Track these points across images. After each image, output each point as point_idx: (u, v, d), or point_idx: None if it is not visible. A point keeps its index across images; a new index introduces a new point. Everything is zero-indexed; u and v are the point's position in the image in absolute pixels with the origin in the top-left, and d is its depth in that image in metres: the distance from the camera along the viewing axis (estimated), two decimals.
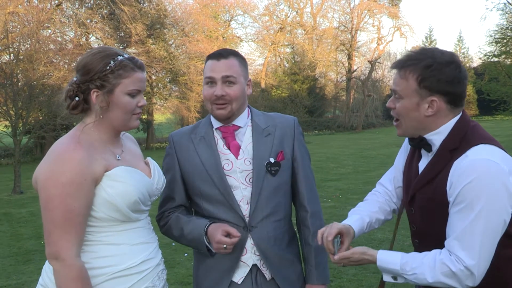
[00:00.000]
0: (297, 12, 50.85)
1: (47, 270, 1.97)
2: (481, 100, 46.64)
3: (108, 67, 1.93)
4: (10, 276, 6.92)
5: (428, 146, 1.98)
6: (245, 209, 2.25)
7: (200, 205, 2.30)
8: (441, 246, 1.89)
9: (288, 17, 50.59)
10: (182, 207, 2.36)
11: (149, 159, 2.23)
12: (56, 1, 29.00)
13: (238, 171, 2.26)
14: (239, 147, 2.28)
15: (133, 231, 2.01)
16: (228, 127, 2.30)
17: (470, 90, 55.23)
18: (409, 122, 1.97)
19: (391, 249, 2.17)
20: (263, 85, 47.48)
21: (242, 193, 2.26)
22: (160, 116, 46.63)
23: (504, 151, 1.87)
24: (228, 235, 2.13)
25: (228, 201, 2.23)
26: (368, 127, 47.34)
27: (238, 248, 2.22)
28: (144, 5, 35.39)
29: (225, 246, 2.12)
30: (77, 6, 32.09)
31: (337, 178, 15.54)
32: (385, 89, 56.78)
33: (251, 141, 2.29)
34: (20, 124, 17.71)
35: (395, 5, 51.20)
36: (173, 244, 8.24)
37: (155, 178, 2.13)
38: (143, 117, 37.28)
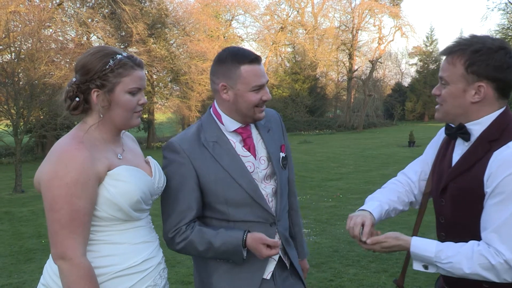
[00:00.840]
0: (298, 11, 50.85)
1: (49, 270, 1.97)
2: None
3: (107, 66, 1.93)
4: (11, 275, 6.93)
5: (466, 135, 1.92)
6: (270, 206, 2.29)
7: (224, 212, 2.23)
8: (469, 238, 1.85)
9: (289, 16, 50.60)
10: (197, 219, 2.24)
11: (149, 158, 2.22)
12: (58, 0, 29.03)
13: (258, 170, 2.28)
14: (254, 147, 2.30)
15: (135, 230, 2.01)
16: (246, 127, 2.29)
17: None
18: (452, 108, 1.92)
19: None
20: None
21: (265, 191, 2.29)
22: (161, 116, 46.62)
23: None
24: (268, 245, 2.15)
25: (259, 203, 2.23)
26: (369, 127, 47.32)
27: None
28: (145, 4, 35.41)
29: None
30: (78, 5, 32.11)
31: (338, 177, 15.53)
32: (386, 88, 56.82)
33: (260, 138, 2.32)
34: (21, 123, 17.73)
35: (396, 4, 51.17)
36: None
37: (156, 177, 2.12)
38: (144, 116, 37.30)
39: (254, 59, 2.17)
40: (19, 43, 19.74)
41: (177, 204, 2.20)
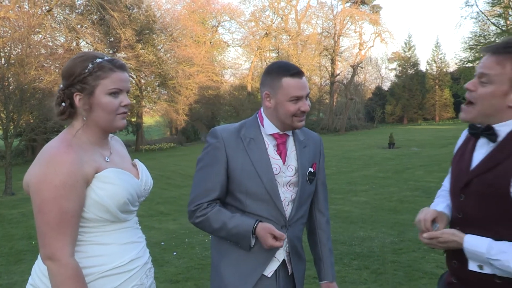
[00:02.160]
0: (282, 18, 51.02)
1: (37, 270, 1.95)
2: (457, 103, 47.17)
3: (86, 70, 1.91)
4: (1, 276, 6.84)
5: (493, 136, 1.88)
6: (285, 209, 2.38)
7: (242, 201, 2.34)
8: (483, 235, 1.84)
9: (274, 23, 50.75)
10: (219, 201, 2.36)
11: (136, 161, 2.21)
12: (47, 7, 28.74)
13: (283, 175, 2.37)
14: (286, 155, 2.41)
15: (122, 231, 2.00)
16: (283, 135, 2.42)
17: (447, 93, 55.90)
18: (485, 108, 1.86)
19: None
20: (249, 89, 47.51)
21: (284, 196, 2.37)
22: (149, 119, 46.43)
23: None
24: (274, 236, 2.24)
25: (274, 201, 2.33)
26: (351, 129, 47.63)
27: None
28: (133, 11, 35.27)
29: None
30: (67, 11, 31.87)
31: None
32: (367, 92, 57.24)
33: (294, 150, 2.42)
34: (12, 127, 17.52)
35: (376, 12, 51.65)
36: (162, 243, 8.20)
37: (143, 179, 2.11)
38: (133, 119, 37.10)
39: (295, 73, 2.29)
40: (9, 48, 19.53)
41: (204, 182, 2.34)
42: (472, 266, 1.86)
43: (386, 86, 60.16)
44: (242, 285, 2.33)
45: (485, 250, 1.80)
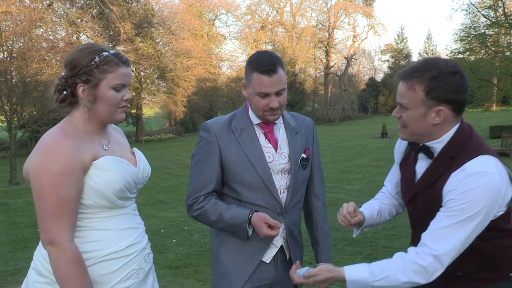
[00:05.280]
0: (277, 11, 50.78)
1: (39, 255, 1.96)
2: None
3: (93, 62, 1.91)
4: (8, 262, 6.87)
5: (430, 153, 1.97)
6: (281, 197, 2.36)
7: (238, 191, 2.33)
8: None
9: (269, 16, 50.52)
10: (215, 193, 2.35)
11: (135, 149, 2.21)
12: (48, 1, 28.54)
13: (277, 163, 2.35)
14: (277, 142, 2.38)
15: (120, 217, 2.00)
16: (269, 124, 2.38)
17: None
18: (416, 130, 1.94)
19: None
20: None
21: (279, 183, 2.35)
22: (148, 111, 46.30)
23: (498, 159, 1.87)
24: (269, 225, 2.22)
25: (269, 189, 2.31)
26: (345, 120, 47.63)
27: None
28: (132, 5, 35.05)
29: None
30: (68, 6, 31.66)
31: None
32: (360, 83, 57.13)
33: (285, 137, 2.40)
34: (15, 119, 17.47)
35: (369, 4, 51.42)
36: (162, 231, 8.23)
37: (140, 167, 2.12)
38: (133, 111, 37.00)
39: (264, 71, 2.20)
40: (11, 42, 19.42)
41: (200, 176, 2.33)
42: None
43: (379, 77, 60.04)
44: (241, 272, 2.33)
45: (369, 274, 1.85)
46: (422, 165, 2.03)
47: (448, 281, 1.96)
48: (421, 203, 2.00)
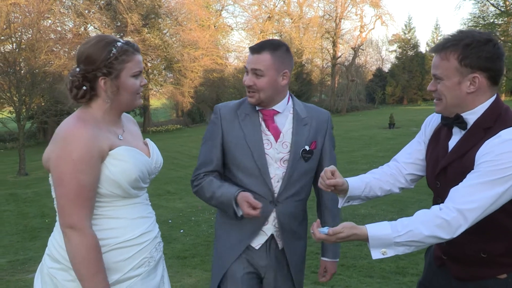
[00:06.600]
0: (284, 1, 50.43)
1: (54, 242, 1.99)
2: None
3: (111, 54, 1.94)
4: (17, 252, 6.94)
5: (463, 124, 1.95)
6: (275, 186, 2.37)
7: (235, 175, 2.39)
8: None
9: (276, 6, 50.17)
10: (216, 172, 2.42)
11: (147, 140, 2.24)
12: None
13: (276, 152, 2.37)
14: (279, 131, 2.39)
15: (133, 206, 2.04)
16: (268, 110, 2.40)
17: None
18: (450, 100, 1.92)
19: None
20: None
21: (275, 172, 2.37)
22: (155, 102, 46.35)
23: None
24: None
25: (263, 176, 2.34)
26: (352, 110, 47.44)
27: (262, 218, 2.35)
28: None
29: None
30: None
31: None
32: (368, 74, 56.86)
33: (291, 127, 2.40)
34: (24, 110, 17.57)
35: None
36: (170, 221, 8.27)
37: (154, 157, 2.15)
38: None
39: (252, 48, 2.32)
40: (19, 33, 19.48)
41: (203, 155, 2.45)
42: (376, 254, 1.83)
43: (386, 67, 59.65)
44: (231, 254, 2.41)
45: (391, 230, 1.80)
46: (455, 139, 2.00)
47: (471, 266, 1.94)
48: (451, 175, 1.95)
